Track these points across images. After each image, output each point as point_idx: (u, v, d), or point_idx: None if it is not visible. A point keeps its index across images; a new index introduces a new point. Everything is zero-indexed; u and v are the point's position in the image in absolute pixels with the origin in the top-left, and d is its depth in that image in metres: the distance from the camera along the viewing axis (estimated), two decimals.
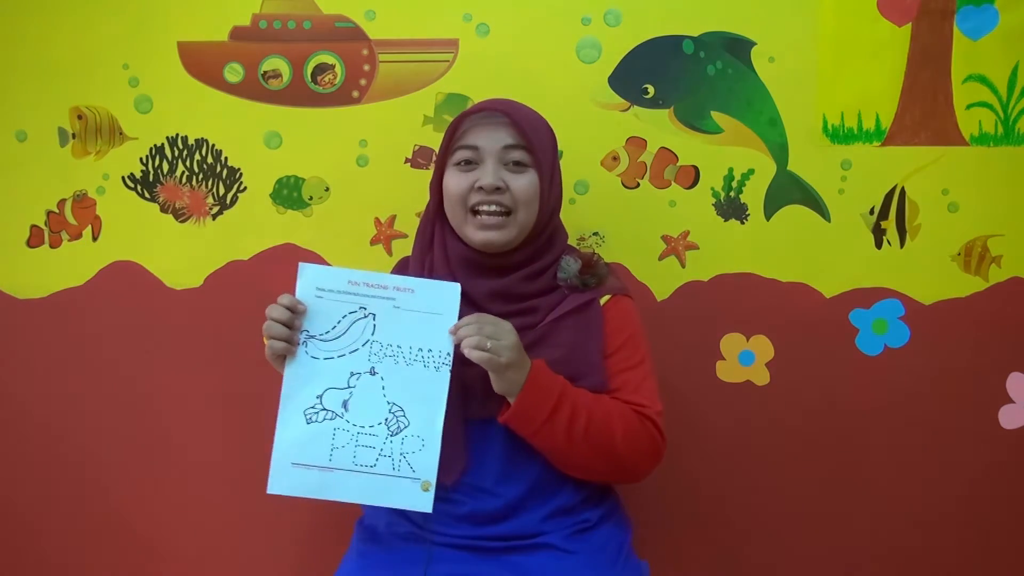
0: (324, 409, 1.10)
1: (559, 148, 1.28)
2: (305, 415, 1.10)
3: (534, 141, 1.16)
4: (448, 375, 1.11)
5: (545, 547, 1.17)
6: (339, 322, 1.10)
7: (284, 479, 1.10)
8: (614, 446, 1.12)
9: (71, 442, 1.53)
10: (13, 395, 1.52)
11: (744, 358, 1.51)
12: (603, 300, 1.22)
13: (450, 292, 1.11)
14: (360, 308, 1.10)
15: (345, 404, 1.10)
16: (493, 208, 1.15)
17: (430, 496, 1.10)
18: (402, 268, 1.32)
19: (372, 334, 1.10)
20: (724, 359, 1.52)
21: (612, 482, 1.26)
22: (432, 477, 1.10)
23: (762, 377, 1.52)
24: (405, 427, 1.10)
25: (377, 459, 1.10)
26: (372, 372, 1.11)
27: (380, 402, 1.10)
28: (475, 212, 1.17)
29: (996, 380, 1.51)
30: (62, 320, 1.51)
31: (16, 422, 1.53)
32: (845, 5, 1.45)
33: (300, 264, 1.11)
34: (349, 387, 1.11)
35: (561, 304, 1.18)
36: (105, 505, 1.53)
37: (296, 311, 1.09)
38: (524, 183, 1.16)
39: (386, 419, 1.10)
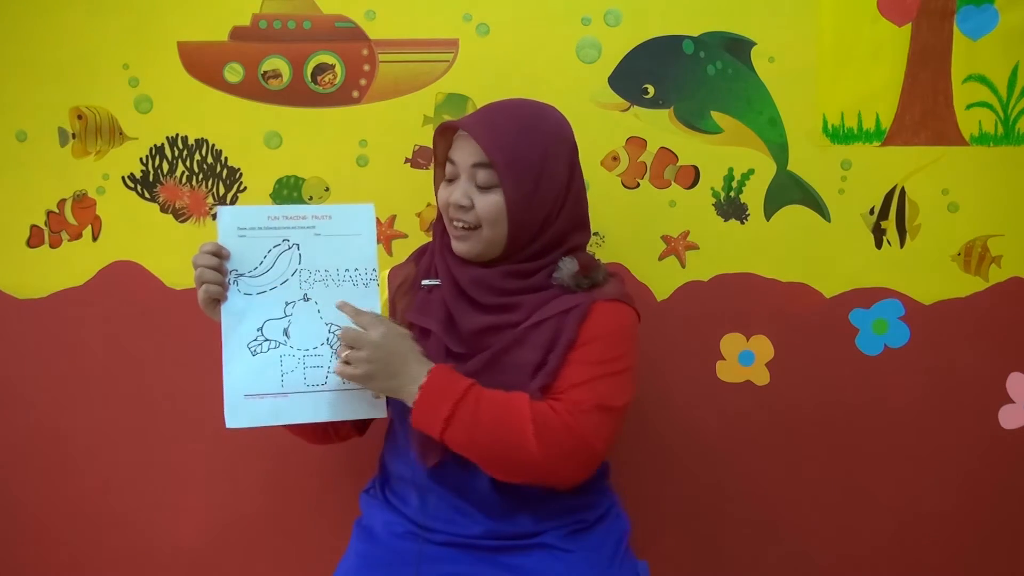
0: (267, 340, 1.12)
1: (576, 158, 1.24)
2: (249, 348, 1.11)
3: (499, 160, 1.13)
4: (376, 289, 1.15)
5: (541, 547, 1.17)
6: (265, 257, 1.12)
7: (240, 412, 1.11)
8: (520, 445, 1.06)
9: (71, 442, 1.52)
10: (13, 395, 1.52)
11: (744, 358, 1.51)
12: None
13: (365, 213, 1.15)
14: (283, 240, 1.13)
15: (286, 332, 1.13)
16: (460, 224, 1.17)
17: (382, 403, 1.14)
18: (419, 255, 1.32)
19: (299, 263, 1.13)
20: (724, 359, 1.52)
21: (541, 483, 1.14)
22: None
23: (762, 377, 1.52)
24: None
25: (327, 376, 1.13)
26: (305, 298, 1.13)
27: (319, 324, 1.13)
28: (453, 221, 1.19)
29: (996, 380, 1.52)
30: (62, 320, 1.51)
31: (16, 422, 1.52)
32: (845, 5, 1.45)
33: (218, 208, 1.13)
34: (287, 315, 1.13)
35: (548, 305, 1.16)
36: (105, 504, 1.53)
37: (221, 256, 1.11)
38: (487, 203, 1.15)
39: (327, 339, 1.13)
